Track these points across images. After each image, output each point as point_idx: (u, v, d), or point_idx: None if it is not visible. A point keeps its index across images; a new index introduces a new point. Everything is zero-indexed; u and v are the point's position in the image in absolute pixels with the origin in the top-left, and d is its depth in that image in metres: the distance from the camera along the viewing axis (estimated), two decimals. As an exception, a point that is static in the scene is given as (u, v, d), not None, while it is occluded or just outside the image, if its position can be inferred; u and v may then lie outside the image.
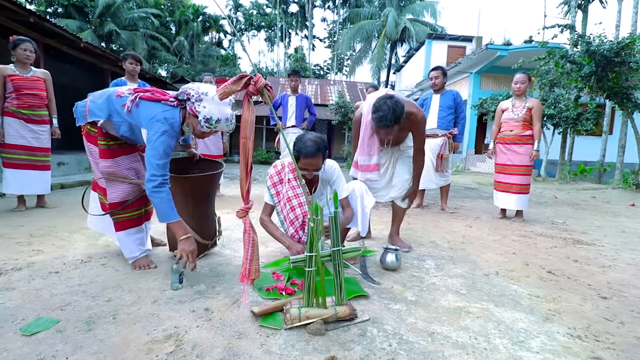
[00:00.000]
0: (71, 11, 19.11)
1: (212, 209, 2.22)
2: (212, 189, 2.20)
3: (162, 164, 1.64)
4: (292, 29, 35.52)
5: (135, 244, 1.99)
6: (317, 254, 1.39)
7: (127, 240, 1.97)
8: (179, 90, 1.74)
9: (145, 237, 2.09)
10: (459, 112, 4.10)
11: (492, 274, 2.08)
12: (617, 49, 6.54)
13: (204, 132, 1.73)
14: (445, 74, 4.19)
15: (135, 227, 2.01)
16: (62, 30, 6.31)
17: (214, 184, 2.19)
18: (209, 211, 2.19)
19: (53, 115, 3.52)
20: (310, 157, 1.91)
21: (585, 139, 12.02)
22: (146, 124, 1.67)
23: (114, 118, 1.79)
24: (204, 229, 2.10)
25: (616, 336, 1.41)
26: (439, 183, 4.22)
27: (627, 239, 3.12)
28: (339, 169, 2.18)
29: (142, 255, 2.00)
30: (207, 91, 1.66)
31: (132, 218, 1.99)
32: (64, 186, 5.08)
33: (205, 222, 2.13)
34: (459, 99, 4.11)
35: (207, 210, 2.17)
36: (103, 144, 1.88)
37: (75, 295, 1.60)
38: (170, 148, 1.68)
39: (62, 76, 8.66)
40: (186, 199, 2.02)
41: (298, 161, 1.95)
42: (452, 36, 18.01)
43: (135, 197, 1.98)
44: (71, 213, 3.32)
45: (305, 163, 1.94)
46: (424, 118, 2.33)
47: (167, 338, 1.27)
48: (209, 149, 4.49)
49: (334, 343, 1.28)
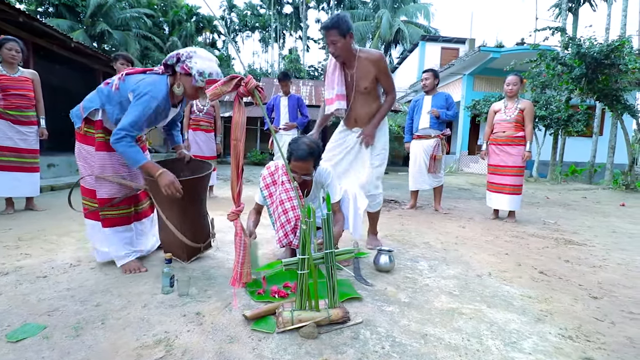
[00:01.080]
0: (62, 11, 18.86)
1: (203, 211, 2.20)
2: (202, 190, 2.17)
3: (134, 123, 1.70)
4: (286, 30, 35.48)
5: (122, 243, 1.96)
6: (310, 257, 1.38)
7: (113, 238, 1.94)
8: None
9: (134, 237, 2.06)
10: (449, 111, 4.14)
11: (485, 275, 2.08)
12: (606, 51, 6.64)
13: (196, 91, 1.81)
14: (437, 76, 4.23)
15: (123, 226, 1.99)
16: (52, 29, 6.23)
17: (203, 185, 2.17)
18: (201, 213, 2.17)
19: (41, 116, 3.46)
20: (301, 161, 1.89)
21: (576, 140, 12.19)
22: (131, 89, 1.75)
23: (106, 106, 1.84)
24: (196, 231, 2.07)
25: (607, 336, 1.42)
26: (432, 184, 4.24)
27: (618, 239, 3.16)
28: (334, 173, 2.17)
29: (128, 255, 1.97)
30: (195, 50, 1.79)
31: (120, 216, 1.97)
32: (54, 188, 5.00)
33: (197, 224, 2.11)
34: (450, 100, 4.15)
35: (199, 212, 2.15)
36: (101, 136, 1.87)
37: (63, 300, 1.56)
38: (150, 110, 1.73)
39: (52, 76, 8.55)
40: (176, 201, 1.97)
41: (289, 162, 1.93)
42: (446, 38, 18.16)
43: (125, 196, 1.96)
44: (61, 216, 3.27)
45: (295, 165, 1.92)
46: (381, 55, 2.32)
47: (157, 343, 1.25)
48: (202, 150, 4.45)
49: (327, 346, 1.27)
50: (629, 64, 6.54)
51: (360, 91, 2.34)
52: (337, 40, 2.17)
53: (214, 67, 1.80)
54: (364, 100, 2.37)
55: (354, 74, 2.30)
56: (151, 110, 1.73)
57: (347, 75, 2.34)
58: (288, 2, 32.70)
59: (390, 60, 25.58)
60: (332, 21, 2.16)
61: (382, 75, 2.32)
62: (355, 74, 2.30)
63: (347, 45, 2.21)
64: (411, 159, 4.35)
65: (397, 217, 3.77)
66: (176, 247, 2.06)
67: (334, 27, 2.14)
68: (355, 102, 2.38)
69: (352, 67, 2.29)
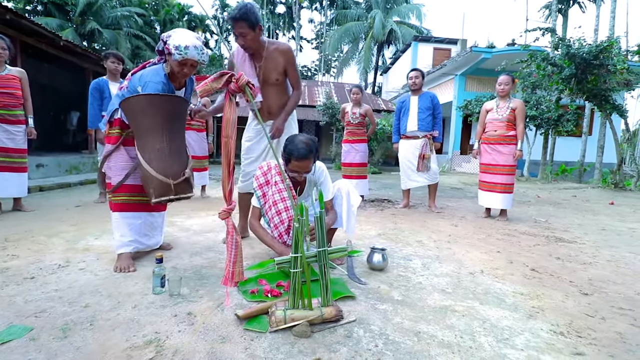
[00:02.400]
0: (51, 9, 18.56)
1: (184, 145, 2.06)
2: (185, 117, 2.11)
3: None
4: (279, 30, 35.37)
5: (127, 228, 2.01)
6: (302, 255, 1.37)
7: (119, 223, 2.00)
8: None
9: (142, 227, 2.09)
10: (436, 113, 4.16)
11: (478, 273, 2.09)
12: (595, 52, 6.74)
13: (180, 67, 1.85)
14: (424, 75, 4.27)
15: (131, 212, 2.04)
16: (40, 27, 6.12)
17: (186, 111, 2.10)
18: (182, 145, 2.02)
19: (29, 115, 3.39)
20: (302, 160, 1.86)
21: (566, 140, 12.37)
22: (138, 84, 1.88)
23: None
24: (174, 163, 1.89)
25: (597, 332, 1.43)
26: (428, 180, 4.23)
27: (607, 236, 3.21)
28: (327, 171, 2.16)
29: (130, 244, 2.01)
30: (175, 30, 1.87)
31: (129, 202, 2.03)
32: (42, 189, 4.91)
33: (177, 156, 1.94)
34: (436, 101, 4.17)
35: (181, 143, 2.00)
36: (117, 132, 2.01)
37: (51, 301, 1.53)
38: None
39: (41, 75, 8.41)
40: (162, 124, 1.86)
41: (289, 163, 1.91)
42: (438, 38, 18.28)
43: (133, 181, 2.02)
44: (49, 217, 3.21)
45: (296, 165, 1.89)
46: (290, 47, 2.33)
47: (147, 344, 1.23)
48: (194, 150, 4.41)
49: (320, 345, 1.26)
50: (617, 64, 6.65)
51: (271, 83, 2.35)
52: (246, 33, 2.13)
53: (191, 40, 1.82)
54: (275, 92, 2.38)
55: (263, 66, 2.29)
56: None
57: (256, 67, 2.32)
58: (281, 2, 32.61)
59: (383, 60, 25.70)
60: (241, 12, 2.07)
61: (290, 67, 2.33)
62: (264, 65, 2.29)
63: (256, 37, 2.18)
64: (400, 159, 4.37)
65: (390, 216, 3.78)
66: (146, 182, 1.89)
67: (243, 18, 2.08)
68: (266, 95, 2.37)
69: (260, 59, 2.27)
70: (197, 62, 1.87)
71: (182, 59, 1.80)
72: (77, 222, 3.01)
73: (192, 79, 2.15)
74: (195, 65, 1.89)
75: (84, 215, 3.32)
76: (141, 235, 2.09)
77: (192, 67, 1.89)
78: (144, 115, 1.83)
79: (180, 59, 1.80)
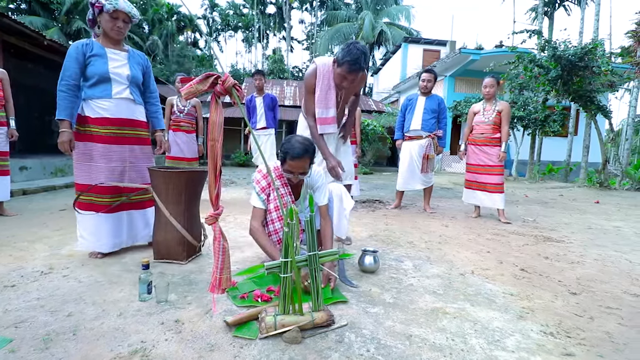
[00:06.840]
0: (36, 8, 18.16)
1: (198, 210, 2.25)
2: (201, 188, 2.22)
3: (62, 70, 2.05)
4: (270, 30, 35.25)
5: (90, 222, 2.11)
6: (293, 260, 1.35)
7: (82, 220, 2.12)
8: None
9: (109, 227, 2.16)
10: (441, 117, 4.13)
11: (468, 273, 2.10)
12: (581, 54, 6.88)
13: (114, 21, 2.03)
14: (436, 79, 4.19)
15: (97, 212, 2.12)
16: (23, 27, 5.96)
17: (202, 182, 2.22)
18: (197, 212, 2.22)
19: (10, 117, 3.30)
20: (297, 159, 1.83)
21: (552, 140, 12.58)
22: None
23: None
24: (193, 229, 2.12)
25: (586, 331, 1.45)
26: (423, 184, 4.24)
27: (593, 235, 3.26)
28: (324, 176, 2.13)
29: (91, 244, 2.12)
30: None
31: (96, 203, 2.12)
32: (26, 192, 4.78)
33: (194, 222, 2.17)
34: (442, 105, 4.13)
35: (196, 210, 2.21)
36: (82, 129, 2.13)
37: (32, 310, 1.48)
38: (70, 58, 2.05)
39: (25, 76, 8.19)
40: (180, 196, 2.06)
41: (284, 163, 1.88)
42: (427, 40, 18.43)
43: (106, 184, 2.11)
44: (33, 221, 3.12)
45: (292, 165, 1.85)
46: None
47: (132, 354, 1.19)
48: (183, 152, 4.36)
49: (311, 351, 1.24)
50: (602, 66, 6.80)
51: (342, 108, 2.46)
52: (356, 78, 2.15)
53: None
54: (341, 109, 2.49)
55: (342, 94, 2.35)
56: (71, 58, 2.03)
57: (338, 94, 2.35)
58: (271, 2, 32.51)
59: (373, 61, 25.79)
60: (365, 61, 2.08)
61: (359, 91, 2.50)
62: (344, 94, 2.36)
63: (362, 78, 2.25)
64: (402, 159, 4.29)
65: (382, 217, 3.78)
66: (176, 245, 2.07)
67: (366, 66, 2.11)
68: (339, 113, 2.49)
69: (342, 88, 2.29)
70: (129, 15, 2.04)
71: (113, 9, 1.96)
72: (61, 227, 2.93)
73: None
74: (127, 20, 2.06)
75: (69, 219, 3.24)
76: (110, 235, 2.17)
77: (124, 22, 2.04)
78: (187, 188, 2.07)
79: (112, 9, 1.96)
